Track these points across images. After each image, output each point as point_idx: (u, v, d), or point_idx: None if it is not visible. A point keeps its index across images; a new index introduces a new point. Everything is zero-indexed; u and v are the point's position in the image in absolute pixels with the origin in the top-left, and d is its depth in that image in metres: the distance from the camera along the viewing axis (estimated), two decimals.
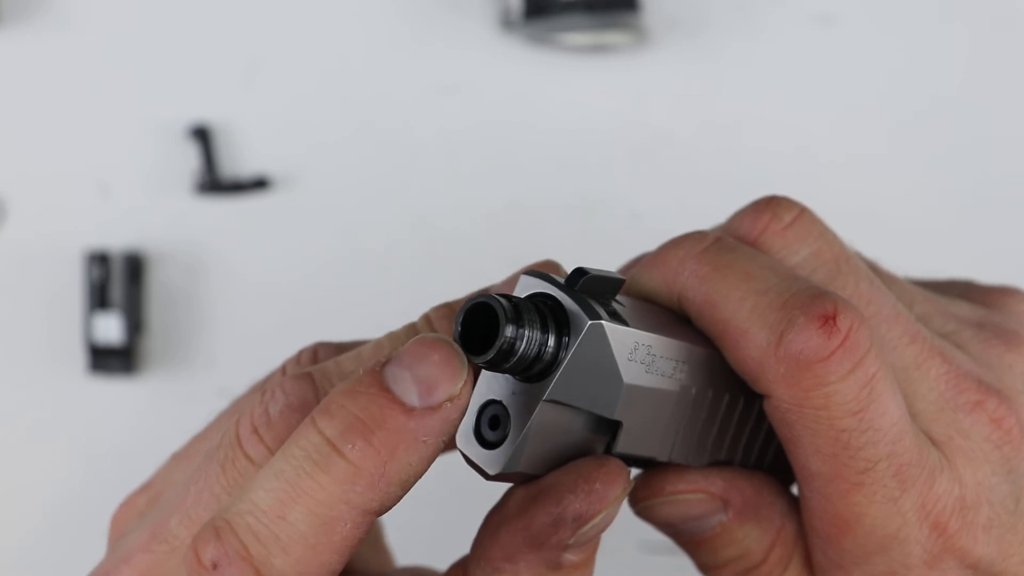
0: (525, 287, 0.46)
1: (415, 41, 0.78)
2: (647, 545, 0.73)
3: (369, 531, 0.45)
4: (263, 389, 0.48)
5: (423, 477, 0.45)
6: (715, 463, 0.51)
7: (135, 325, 0.76)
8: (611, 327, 0.45)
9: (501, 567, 0.46)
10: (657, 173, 0.78)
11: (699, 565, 0.52)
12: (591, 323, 0.44)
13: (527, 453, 0.45)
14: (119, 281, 0.76)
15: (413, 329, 0.48)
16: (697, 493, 0.50)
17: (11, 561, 0.76)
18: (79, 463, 0.76)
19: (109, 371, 0.75)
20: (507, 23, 0.78)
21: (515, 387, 0.45)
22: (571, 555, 0.46)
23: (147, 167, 0.77)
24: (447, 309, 0.49)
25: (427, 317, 0.49)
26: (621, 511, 0.52)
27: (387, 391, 0.44)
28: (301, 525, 0.44)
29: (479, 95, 0.78)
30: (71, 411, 0.76)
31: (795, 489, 0.52)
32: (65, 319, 0.76)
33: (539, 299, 0.45)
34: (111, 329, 0.75)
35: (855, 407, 0.47)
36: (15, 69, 0.78)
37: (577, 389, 0.45)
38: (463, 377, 0.44)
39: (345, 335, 0.51)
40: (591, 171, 0.78)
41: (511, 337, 0.44)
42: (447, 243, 0.77)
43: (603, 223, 0.78)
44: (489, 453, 0.45)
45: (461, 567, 0.47)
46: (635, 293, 0.50)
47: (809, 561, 0.51)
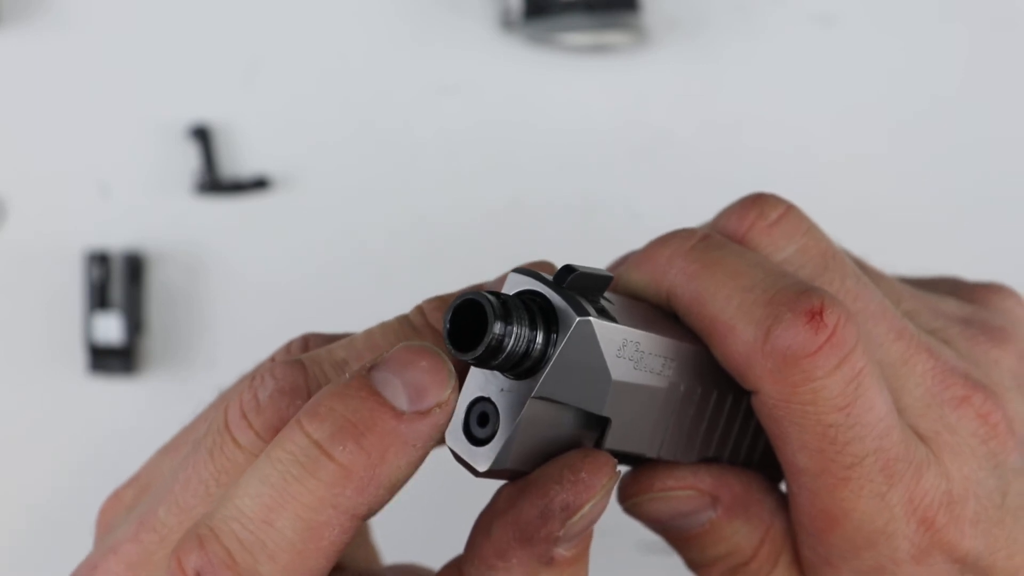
0: (514, 284, 0.46)
1: (415, 41, 0.78)
2: (646, 545, 0.73)
3: (356, 535, 0.45)
4: (252, 375, 0.47)
5: (412, 476, 0.45)
6: (704, 460, 0.51)
7: (135, 325, 0.76)
8: (599, 324, 0.45)
9: (494, 564, 0.46)
10: (657, 173, 0.78)
11: (688, 562, 0.52)
12: (579, 320, 0.44)
13: (516, 449, 0.45)
14: (119, 281, 0.76)
15: (406, 320, 0.48)
16: (686, 490, 0.51)
17: (11, 561, 0.76)
18: (79, 463, 0.76)
19: (109, 371, 0.75)
20: (507, 23, 0.78)
21: (504, 384, 0.45)
22: (563, 550, 0.46)
23: (147, 167, 0.77)
24: (440, 301, 0.49)
25: (420, 309, 0.49)
26: (618, 512, 0.52)
27: (377, 394, 0.44)
28: (288, 531, 0.43)
29: (479, 95, 0.78)
30: (71, 411, 0.76)
31: (783, 485, 0.52)
32: (65, 319, 0.76)
33: (528, 296, 0.45)
34: (111, 329, 0.75)
35: (842, 402, 0.47)
36: (15, 69, 0.78)
37: (566, 386, 0.45)
38: (451, 384, 0.44)
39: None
40: (591, 171, 0.78)
41: (499, 334, 0.44)
42: (447, 243, 0.77)
43: (603, 223, 0.78)
44: (478, 450, 0.45)
45: (455, 567, 0.47)
46: (624, 290, 0.50)
47: (798, 558, 0.51)
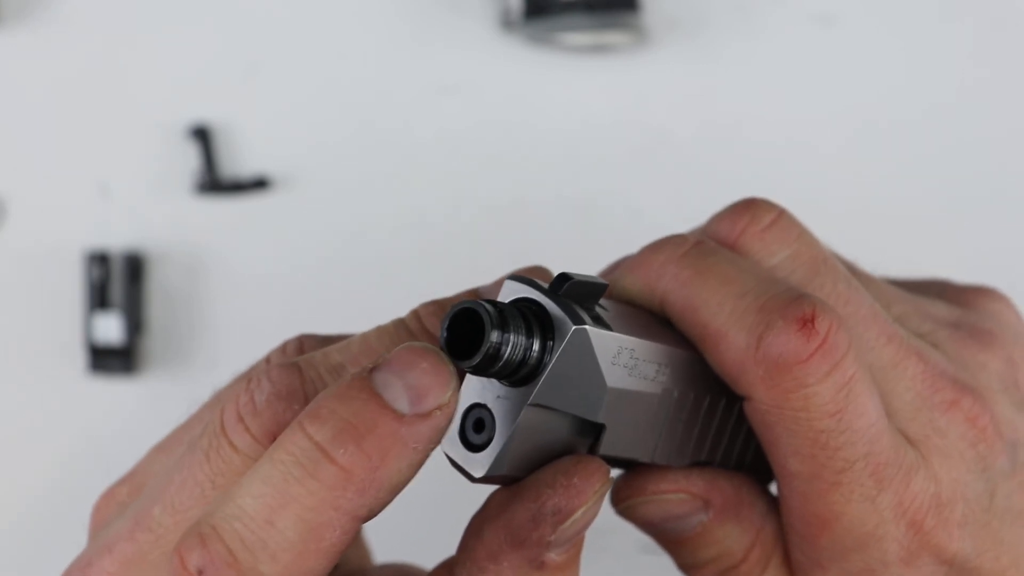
0: (510, 292, 0.46)
1: (415, 41, 0.78)
2: (643, 545, 0.73)
3: (356, 536, 0.45)
4: (248, 378, 0.48)
5: (412, 478, 0.45)
6: (696, 464, 0.51)
7: (135, 325, 0.76)
8: (595, 332, 0.45)
9: (485, 567, 0.46)
10: (657, 173, 0.78)
11: (680, 565, 0.53)
12: (575, 328, 0.45)
13: (512, 456, 0.45)
14: (119, 281, 0.76)
15: (402, 324, 0.49)
16: (678, 493, 0.51)
17: (11, 561, 0.76)
18: (79, 463, 0.76)
19: (109, 371, 0.75)
20: (507, 23, 0.78)
21: (500, 391, 0.45)
22: (554, 554, 0.46)
23: (147, 167, 0.77)
24: (436, 306, 0.49)
25: (416, 313, 0.49)
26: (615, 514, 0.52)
27: (377, 396, 0.44)
28: (289, 531, 0.44)
29: (479, 95, 0.78)
30: (71, 411, 0.76)
31: (773, 488, 0.52)
32: (65, 319, 0.76)
33: (524, 304, 0.45)
34: (111, 329, 0.75)
35: (833, 408, 0.47)
36: (15, 69, 0.78)
37: (561, 393, 0.45)
38: (452, 386, 0.44)
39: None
40: (591, 171, 0.78)
41: (496, 342, 0.44)
42: (447, 243, 0.77)
43: (603, 223, 0.78)
44: (474, 456, 0.46)
45: (447, 568, 0.48)
46: (617, 296, 0.50)
47: (788, 560, 0.52)
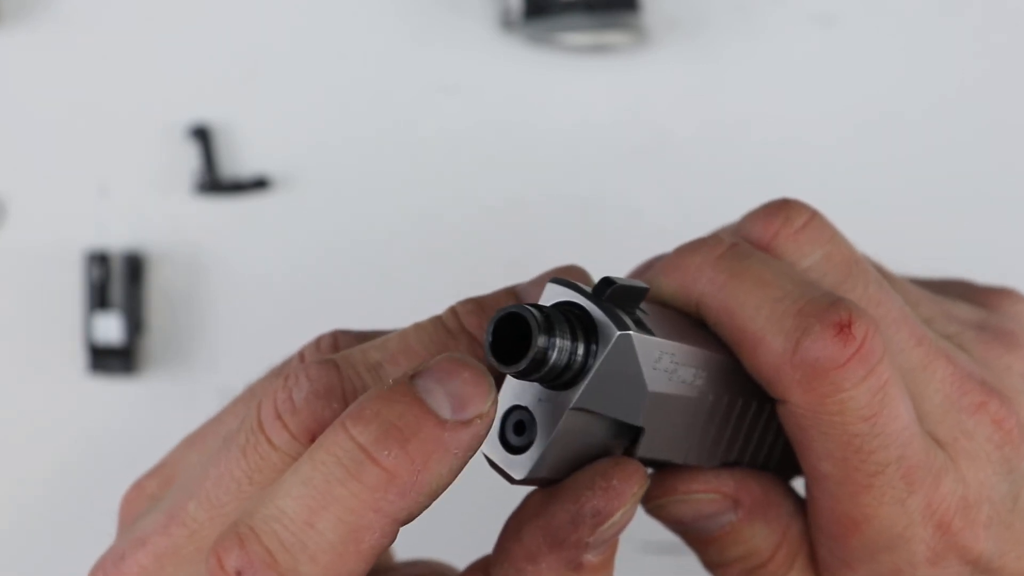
0: (552, 295, 0.46)
1: (415, 41, 0.78)
2: (649, 545, 0.73)
3: (393, 540, 0.45)
4: (285, 374, 0.47)
5: (451, 484, 0.45)
6: (726, 463, 0.51)
7: (135, 325, 0.76)
8: (638, 337, 0.45)
9: (523, 568, 0.46)
10: (657, 173, 0.78)
11: (706, 563, 0.53)
12: (620, 334, 0.45)
13: (552, 459, 0.46)
14: (119, 281, 0.76)
15: (440, 322, 0.48)
16: (709, 493, 0.51)
17: (11, 561, 0.76)
18: (79, 463, 0.76)
19: (109, 371, 0.75)
20: (507, 23, 0.78)
21: (541, 394, 0.46)
22: (591, 556, 0.46)
23: (147, 167, 0.77)
24: (474, 304, 0.49)
25: (454, 311, 0.49)
26: None
27: (421, 401, 0.44)
28: (330, 533, 0.44)
29: (479, 95, 0.78)
30: (71, 411, 0.76)
31: (798, 485, 0.53)
32: (65, 319, 0.76)
33: (566, 308, 0.46)
34: (111, 329, 0.75)
35: (868, 412, 0.48)
36: (15, 69, 0.78)
37: (602, 397, 0.46)
38: (492, 396, 0.44)
39: None
40: (591, 171, 0.78)
41: (543, 347, 0.44)
42: (447, 242, 0.77)
43: (603, 222, 0.78)
44: (515, 458, 0.46)
45: (481, 569, 0.48)
46: (652, 297, 0.50)
47: (814, 559, 0.52)
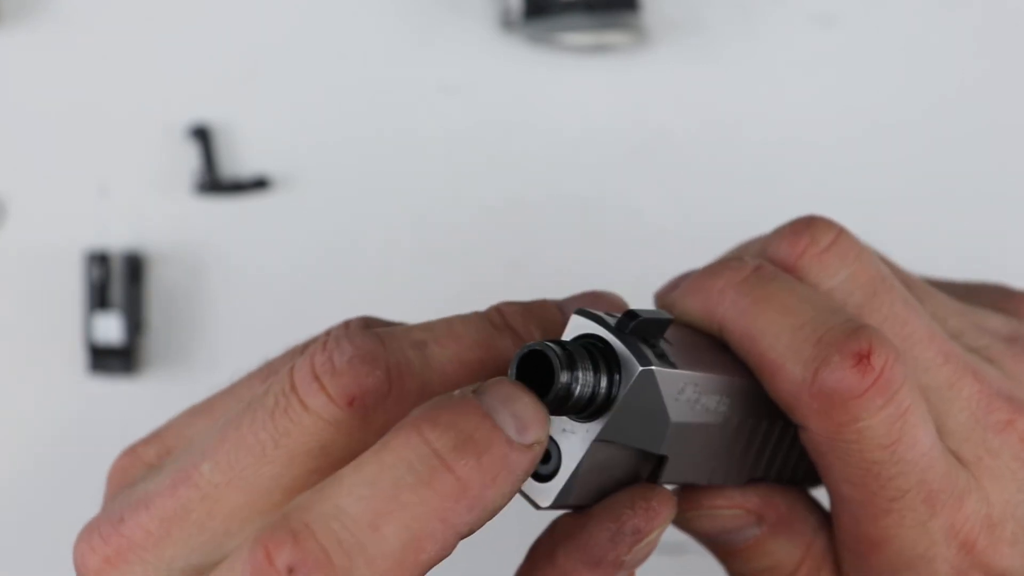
0: (576, 327, 0.46)
1: (415, 41, 0.78)
2: None
3: (447, 556, 0.44)
4: (323, 340, 0.46)
5: (504, 508, 0.45)
6: (752, 479, 0.52)
7: (135, 325, 0.76)
8: (660, 372, 0.46)
9: None
10: (657, 173, 0.78)
11: (732, 572, 0.53)
12: (642, 370, 0.45)
13: (578, 487, 0.46)
14: (119, 281, 0.76)
15: (485, 317, 0.48)
16: (733, 509, 0.51)
17: (11, 561, 0.76)
18: (79, 463, 0.76)
19: (109, 371, 0.75)
20: (507, 23, 0.78)
21: (566, 424, 0.46)
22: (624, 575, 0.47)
23: (147, 167, 0.77)
24: (520, 307, 0.49)
25: (499, 311, 0.48)
26: None
27: (490, 418, 0.43)
28: (392, 539, 0.42)
29: (479, 95, 0.78)
30: (71, 411, 0.76)
31: (820, 494, 0.53)
32: (65, 319, 0.76)
33: (590, 341, 0.46)
34: (111, 329, 0.75)
35: (886, 441, 0.48)
36: (15, 69, 0.78)
37: (626, 428, 0.46)
38: (548, 423, 0.44)
39: None
40: (591, 171, 0.78)
41: (566, 384, 0.44)
42: (447, 243, 0.77)
43: (603, 222, 0.78)
44: (541, 486, 0.46)
45: None
46: (677, 319, 0.50)
47: (838, 572, 0.52)
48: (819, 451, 0.49)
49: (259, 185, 0.77)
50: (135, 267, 0.76)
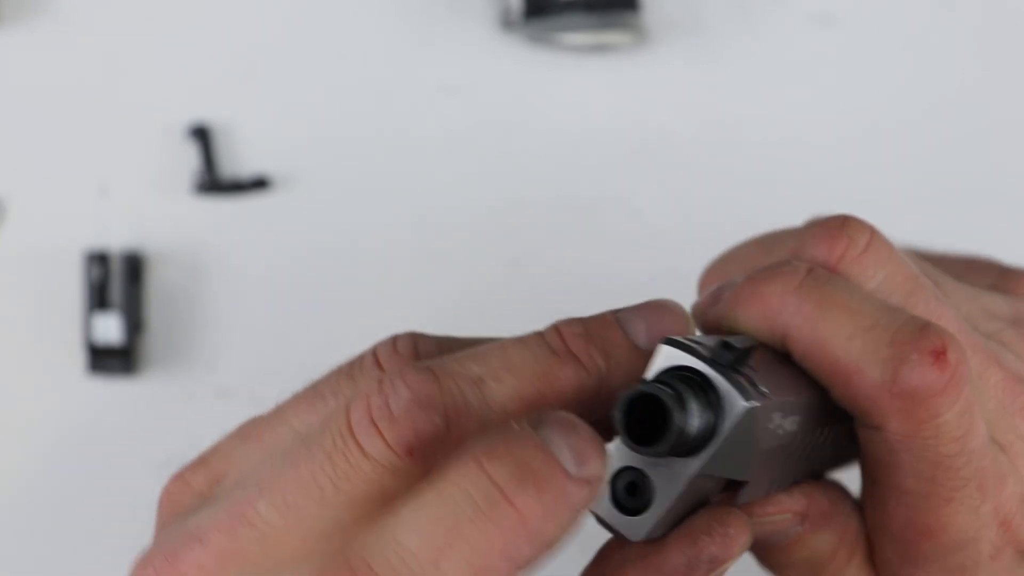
0: (668, 359, 0.45)
1: (415, 41, 0.78)
2: None
3: None
4: (379, 379, 0.45)
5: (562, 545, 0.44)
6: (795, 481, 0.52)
7: (135, 325, 0.76)
8: (763, 407, 0.45)
9: None
10: (657, 172, 0.78)
11: (768, 565, 0.53)
12: (747, 407, 0.45)
13: (670, 520, 0.46)
14: (119, 281, 0.76)
15: (543, 340, 0.47)
16: (784, 514, 0.51)
17: (11, 561, 0.76)
18: (79, 463, 0.76)
19: (109, 371, 0.75)
20: (507, 23, 0.78)
21: (658, 459, 0.45)
22: None
23: (147, 167, 0.77)
24: (581, 327, 0.47)
25: (558, 331, 0.47)
26: None
27: (549, 450, 0.42)
28: (453, 575, 0.41)
29: (479, 95, 0.78)
30: (71, 411, 0.76)
31: (839, 475, 0.54)
32: (65, 319, 0.76)
33: (684, 373, 0.45)
34: (111, 329, 0.75)
35: (959, 433, 0.48)
36: (15, 69, 0.78)
37: (720, 462, 0.45)
38: (606, 458, 0.43)
39: (347, 334, 0.51)
40: (591, 170, 0.78)
41: (680, 427, 0.44)
42: (447, 243, 0.77)
43: (603, 222, 0.78)
44: (632, 520, 0.46)
45: None
46: (728, 330, 0.50)
47: (871, 555, 0.53)
48: (892, 450, 0.49)
49: (259, 185, 0.77)
50: (135, 267, 0.76)
